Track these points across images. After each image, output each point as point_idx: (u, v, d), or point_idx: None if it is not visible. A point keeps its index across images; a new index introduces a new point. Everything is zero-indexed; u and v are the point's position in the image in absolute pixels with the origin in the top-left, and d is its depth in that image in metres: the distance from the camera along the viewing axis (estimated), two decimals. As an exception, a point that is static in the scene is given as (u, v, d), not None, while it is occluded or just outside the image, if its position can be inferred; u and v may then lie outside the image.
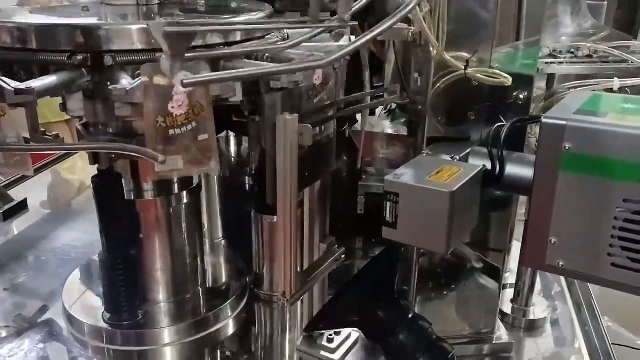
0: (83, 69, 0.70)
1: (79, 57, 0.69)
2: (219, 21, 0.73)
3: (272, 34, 0.89)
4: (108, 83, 0.70)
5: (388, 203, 0.73)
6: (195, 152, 0.71)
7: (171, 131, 0.68)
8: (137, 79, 0.67)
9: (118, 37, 0.70)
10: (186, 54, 0.63)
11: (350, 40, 0.85)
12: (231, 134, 1.18)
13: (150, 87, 0.64)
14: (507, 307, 1.11)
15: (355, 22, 0.73)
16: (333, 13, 0.81)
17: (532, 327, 1.09)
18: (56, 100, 0.77)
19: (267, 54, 0.77)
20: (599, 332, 1.11)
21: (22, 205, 1.45)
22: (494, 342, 1.01)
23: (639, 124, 0.65)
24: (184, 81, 0.60)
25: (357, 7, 0.69)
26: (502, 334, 1.03)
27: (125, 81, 0.68)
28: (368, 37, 0.68)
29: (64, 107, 0.76)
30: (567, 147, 0.67)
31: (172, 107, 0.67)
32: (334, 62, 0.69)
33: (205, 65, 0.69)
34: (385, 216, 0.74)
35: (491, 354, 1.01)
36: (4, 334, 0.99)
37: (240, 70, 0.67)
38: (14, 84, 0.62)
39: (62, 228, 1.40)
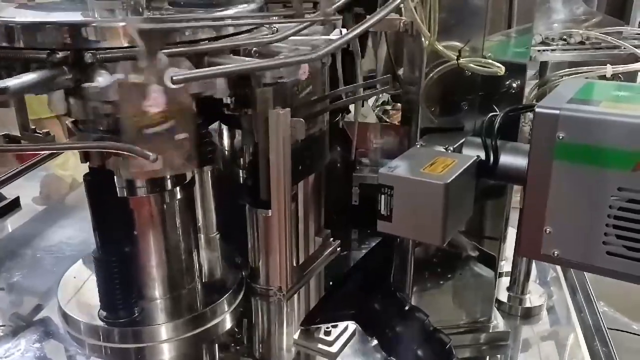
0: (64, 66, 0.69)
1: (59, 54, 0.68)
2: (197, 17, 0.71)
3: (263, 27, 0.88)
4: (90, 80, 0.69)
5: (382, 196, 0.73)
6: (174, 150, 0.69)
7: (146, 131, 0.66)
8: (112, 77, 0.66)
9: (99, 35, 0.69)
10: (167, 50, 0.62)
11: (341, 32, 0.84)
12: (224, 127, 1.17)
13: (125, 86, 0.63)
14: (503, 296, 1.11)
15: (339, 17, 0.72)
16: (316, 4, 0.80)
17: (529, 314, 1.10)
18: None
19: (255, 49, 0.77)
20: (595, 317, 1.12)
21: (14, 204, 1.44)
22: (491, 331, 1.01)
23: (633, 112, 0.65)
24: (174, 78, 0.60)
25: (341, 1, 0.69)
26: (499, 322, 1.03)
27: (101, 79, 0.67)
28: (358, 30, 0.67)
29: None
30: (561, 137, 0.67)
31: (149, 106, 0.65)
32: (323, 57, 0.68)
33: (186, 62, 0.68)
34: (380, 209, 0.73)
35: (488, 343, 1.01)
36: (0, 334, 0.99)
37: (227, 66, 0.66)
38: (-11, 83, 0.61)
39: (56, 225, 1.39)
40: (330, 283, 0.96)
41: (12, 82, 0.63)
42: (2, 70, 0.71)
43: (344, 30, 0.81)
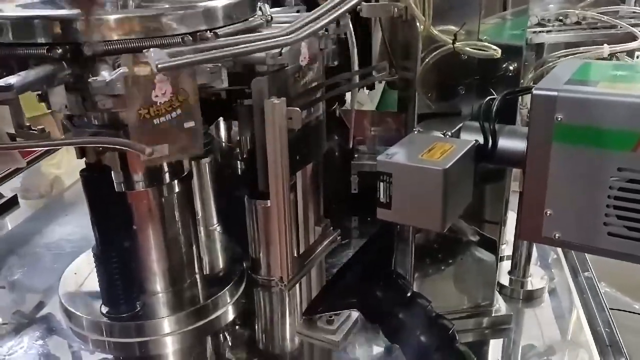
0: (63, 61, 0.69)
1: (58, 49, 0.67)
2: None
3: (256, 15, 0.87)
4: (90, 75, 0.69)
5: (381, 184, 0.72)
6: (182, 140, 0.70)
7: (156, 120, 0.67)
8: (117, 70, 0.65)
9: (97, 28, 0.69)
10: (170, 50, 0.62)
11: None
12: (221, 118, 1.17)
13: (131, 78, 0.63)
14: (505, 279, 1.11)
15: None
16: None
17: (531, 297, 1.10)
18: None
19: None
20: (597, 298, 1.11)
21: (13, 202, 1.44)
22: (493, 315, 1.01)
23: (630, 91, 0.65)
24: (159, 65, 0.59)
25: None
26: (501, 306, 1.03)
27: (106, 73, 0.67)
28: (342, 9, 0.67)
29: (42, 99, 0.75)
30: (559, 119, 0.66)
31: (156, 96, 0.66)
32: (304, 39, 0.68)
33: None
34: (379, 197, 0.73)
35: (491, 327, 1.01)
36: (2, 332, 0.98)
37: (214, 51, 0.65)
38: (-8, 81, 0.61)
39: (56, 222, 1.38)
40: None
41: (16, 79, 0.63)
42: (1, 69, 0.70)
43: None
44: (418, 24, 0.80)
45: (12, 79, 0.62)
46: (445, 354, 0.79)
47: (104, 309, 0.94)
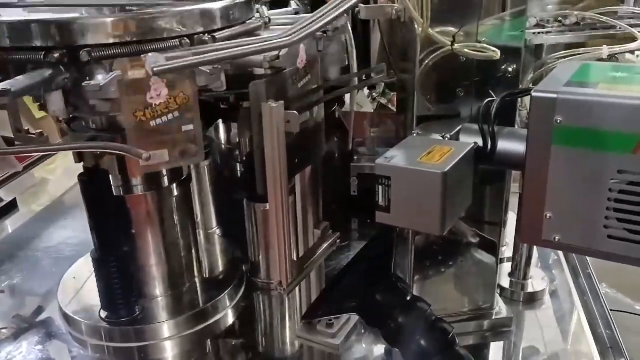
0: (60, 66, 0.69)
1: (55, 54, 0.67)
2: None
3: (254, 18, 0.87)
4: (87, 79, 0.69)
5: (380, 187, 0.72)
6: (180, 142, 0.70)
7: (152, 122, 0.66)
8: (110, 74, 0.65)
9: (93, 32, 0.69)
10: (171, 54, 0.62)
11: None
12: (220, 120, 1.17)
13: (124, 82, 0.62)
14: (505, 281, 1.10)
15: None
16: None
17: (531, 299, 1.09)
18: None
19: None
20: (597, 300, 1.11)
21: (12, 205, 1.44)
22: (493, 317, 1.01)
23: (630, 93, 0.64)
24: (154, 69, 0.59)
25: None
26: (501, 308, 1.02)
27: (100, 77, 0.66)
28: (336, 13, 0.66)
29: (41, 106, 0.75)
30: (558, 121, 0.66)
31: (151, 97, 0.65)
32: (301, 41, 0.67)
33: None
34: (377, 200, 0.73)
35: (491, 329, 1.01)
36: (1, 336, 0.98)
37: (207, 54, 0.65)
38: (-11, 85, 0.60)
39: (55, 226, 1.38)
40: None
41: (12, 83, 0.62)
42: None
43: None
44: (416, 25, 0.80)
45: (8, 84, 0.62)
46: (446, 358, 0.78)
47: (103, 314, 0.93)
